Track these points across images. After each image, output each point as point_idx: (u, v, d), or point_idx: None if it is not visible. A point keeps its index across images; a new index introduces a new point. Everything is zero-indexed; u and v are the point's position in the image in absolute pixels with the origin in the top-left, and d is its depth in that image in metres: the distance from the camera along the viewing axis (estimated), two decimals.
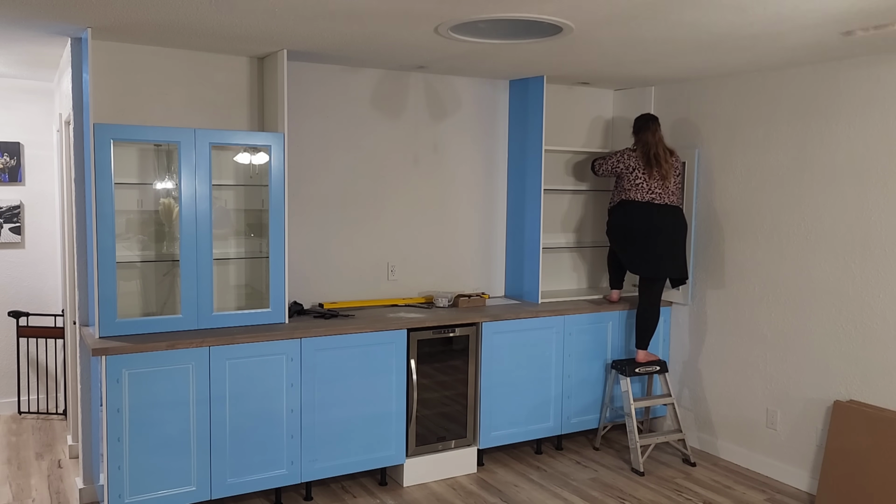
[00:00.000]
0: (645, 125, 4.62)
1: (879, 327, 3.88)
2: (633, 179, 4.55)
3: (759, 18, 3.09)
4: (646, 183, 4.51)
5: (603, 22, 3.20)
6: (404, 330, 4.11)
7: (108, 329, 3.58)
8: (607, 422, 4.88)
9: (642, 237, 4.52)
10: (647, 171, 4.51)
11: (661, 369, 4.70)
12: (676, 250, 4.56)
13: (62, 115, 4.55)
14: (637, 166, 4.55)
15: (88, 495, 4.00)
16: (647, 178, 4.51)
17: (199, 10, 3.08)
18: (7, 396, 5.50)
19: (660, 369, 4.70)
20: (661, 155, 4.53)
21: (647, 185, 4.51)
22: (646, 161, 4.54)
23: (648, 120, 4.63)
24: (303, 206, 4.42)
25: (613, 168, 4.66)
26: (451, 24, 3.26)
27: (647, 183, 4.51)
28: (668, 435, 4.64)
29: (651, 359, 4.71)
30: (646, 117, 4.65)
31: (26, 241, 5.48)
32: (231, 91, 4.16)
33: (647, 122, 4.63)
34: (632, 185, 4.55)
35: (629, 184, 4.56)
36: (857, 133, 3.95)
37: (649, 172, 4.51)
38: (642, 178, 4.52)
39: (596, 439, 4.90)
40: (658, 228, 4.51)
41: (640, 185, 4.52)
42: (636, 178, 4.54)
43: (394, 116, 4.66)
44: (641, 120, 4.66)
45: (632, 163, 4.57)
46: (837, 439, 3.93)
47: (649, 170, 4.51)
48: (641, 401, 4.62)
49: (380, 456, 4.11)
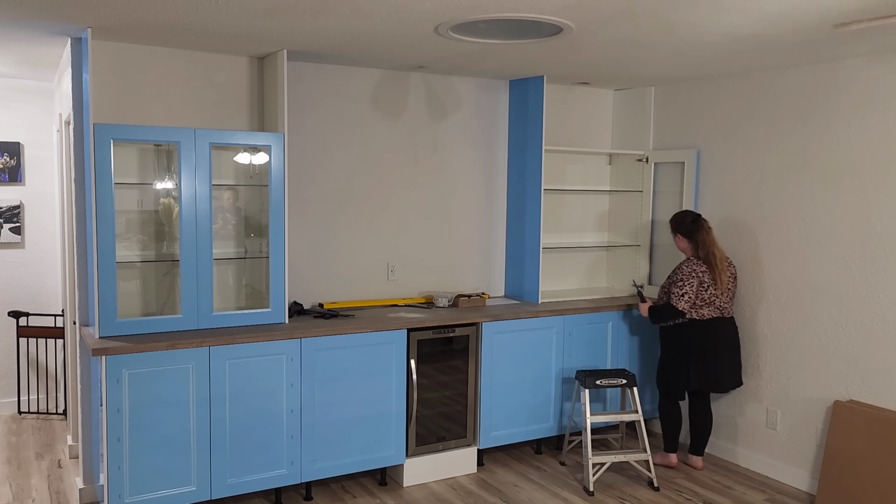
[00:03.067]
0: (695, 224, 4.28)
1: (879, 327, 3.88)
2: (704, 294, 4.22)
3: (757, 17, 3.09)
4: (717, 298, 4.24)
5: (603, 22, 3.20)
6: (404, 330, 4.11)
7: (108, 329, 3.58)
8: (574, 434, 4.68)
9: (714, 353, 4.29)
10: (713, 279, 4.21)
11: (629, 383, 4.35)
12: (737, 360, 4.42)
13: (62, 115, 4.55)
14: (708, 281, 4.22)
15: (88, 495, 4.00)
16: (714, 290, 4.22)
17: (199, 10, 3.08)
18: (7, 396, 5.50)
19: (626, 383, 4.35)
20: (719, 256, 4.23)
21: (718, 299, 4.25)
22: (709, 267, 4.23)
23: (698, 218, 4.31)
24: (303, 206, 4.42)
25: (697, 292, 4.23)
26: (451, 24, 3.26)
27: (717, 297, 4.24)
28: (630, 454, 4.27)
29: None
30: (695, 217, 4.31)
31: (26, 241, 5.48)
32: (231, 91, 4.16)
33: (696, 221, 4.29)
34: (704, 302, 4.24)
35: (701, 300, 4.24)
36: (856, 133, 3.95)
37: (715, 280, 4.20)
38: (713, 292, 4.22)
39: (562, 454, 4.66)
40: (726, 344, 4.32)
41: (712, 300, 4.25)
42: (708, 291, 4.23)
43: (394, 116, 4.66)
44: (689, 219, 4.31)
45: (705, 277, 4.22)
46: (837, 439, 3.93)
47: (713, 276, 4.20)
48: (600, 415, 4.34)
49: (380, 456, 4.11)
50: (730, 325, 4.36)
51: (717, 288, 4.24)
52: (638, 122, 5.26)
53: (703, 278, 4.23)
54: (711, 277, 4.23)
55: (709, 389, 4.38)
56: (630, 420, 4.40)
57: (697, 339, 4.28)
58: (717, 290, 4.25)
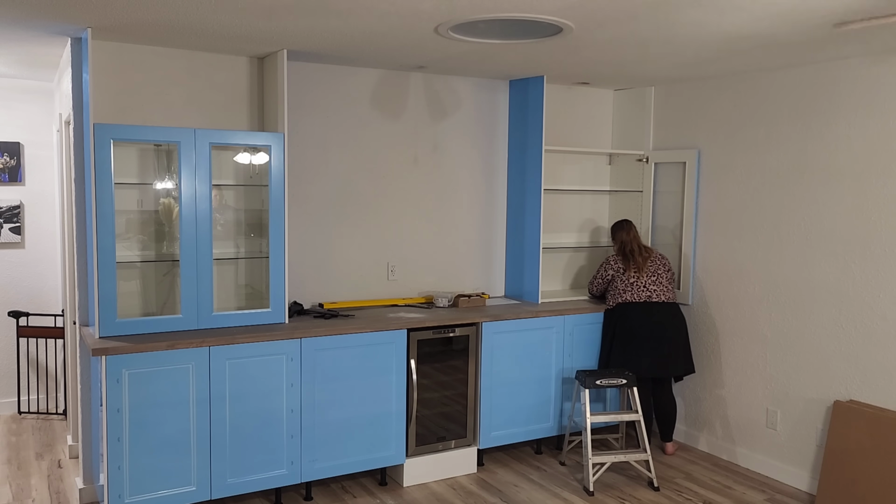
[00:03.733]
0: (619, 226, 4.80)
1: (879, 327, 3.88)
2: (626, 280, 4.62)
3: (757, 16, 3.09)
4: (639, 281, 4.60)
5: (603, 22, 3.20)
6: (404, 330, 4.11)
7: (108, 329, 3.58)
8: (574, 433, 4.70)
9: (646, 337, 4.53)
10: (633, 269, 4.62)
11: (629, 383, 4.34)
12: (682, 347, 4.62)
13: (62, 115, 4.55)
14: (625, 267, 4.66)
15: (88, 495, 4.00)
16: (637, 276, 4.60)
17: (199, 10, 3.08)
18: (7, 396, 5.50)
19: (626, 383, 4.34)
20: (636, 249, 4.66)
21: (640, 282, 4.60)
22: (623, 258, 4.68)
23: (622, 222, 4.82)
24: (303, 206, 4.42)
25: (604, 278, 4.77)
26: (451, 24, 3.26)
27: (639, 280, 4.60)
28: (630, 454, 4.27)
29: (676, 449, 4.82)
30: (620, 222, 4.84)
31: (26, 241, 5.48)
32: (231, 91, 4.16)
33: (620, 224, 4.81)
34: (627, 286, 4.61)
35: (623, 284, 4.63)
36: (856, 133, 3.95)
37: (635, 269, 4.61)
38: (634, 277, 4.61)
39: (562, 454, 4.66)
40: (662, 326, 4.54)
41: (633, 283, 4.61)
42: (629, 277, 4.62)
43: (394, 116, 4.66)
44: (616, 224, 4.84)
45: (620, 265, 4.69)
46: (837, 439, 3.93)
47: (627, 264, 4.64)
48: (600, 415, 4.32)
49: (380, 456, 4.11)
50: (664, 310, 4.57)
51: (636, 272, 4.60)
52: (638, 122, 5.26)
53: (614, 266, 4.70)
54: (625, 265, 4.65)
55: (635, 372, 4.50)
56: (630, 420, 4.39)
57: (621, 323, 4.59)
58: (639, 275, 4.60)
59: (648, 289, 4.57)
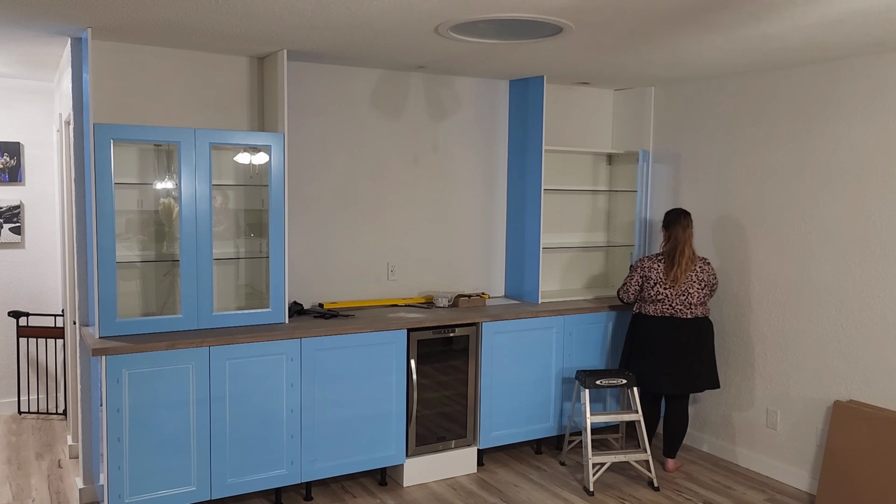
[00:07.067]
0: (675, 219, 4.29)
1: (879, 327, 3.88)
2: (653, 291, 4.27)
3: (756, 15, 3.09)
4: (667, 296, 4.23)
5: (603, 22, 3.20)
6: (404, 330, 4.11)
7: (108, 329, 3.58)
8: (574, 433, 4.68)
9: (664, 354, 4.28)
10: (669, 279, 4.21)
11: (629, 383, 4.31)
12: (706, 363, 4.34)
13: (62, 115, 4.55)
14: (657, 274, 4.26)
15: (88, 495, 4.00)
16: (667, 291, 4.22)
17: (199, 10, 3.08)
18: (7, 396, 5.50)
19: (626, 383, 4.31)
20: (684, 254, 4.21)
21: (668, 299, 4.24)
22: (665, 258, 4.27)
23: (680, 214, 4.30)
24: (303, 206, 4.42)
25: (633, 283, 4.37)
26: (451, 24, 3.26)
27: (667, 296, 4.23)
28: (630, 454, 4.26)
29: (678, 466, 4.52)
30: (677, 213, 4.31)
31: (26, 241, 5.48)
32: (231, 91, 4.16)
33: (677, 216, 4.29)
34: (651, 299, 4.29)
35: (648, 295, 4.30)
36: (857, 133, 3.95)
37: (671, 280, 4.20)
38: (663, 291, 4.24)
39: (562, 454, 4.65)
40: (680, 343, 4.26)
41: (659, 297, 4.26)
42: (657, 288, 4.26)
43: (394, 116, 4.66)
44: (672, 214, 4.32)
45: (648, 272, 4.30)
46: (837, 439, 3.93)
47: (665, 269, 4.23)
48: (600, 415, 4.31)
49: (380, 456, 4.11)
50: (688, 325, 4.27)
51: (668, 287, 4.24)
52: (638, 122, 5.26)
53: (648, 274, 4.30)
54: (663, 276, 4.25)
55: (651, 388, 4.36)
56: (630, 420, 4.39)
57: (640, 336, 4.39)
58: (669, 290, 4.24)
59: (674, 307, 4.24)
